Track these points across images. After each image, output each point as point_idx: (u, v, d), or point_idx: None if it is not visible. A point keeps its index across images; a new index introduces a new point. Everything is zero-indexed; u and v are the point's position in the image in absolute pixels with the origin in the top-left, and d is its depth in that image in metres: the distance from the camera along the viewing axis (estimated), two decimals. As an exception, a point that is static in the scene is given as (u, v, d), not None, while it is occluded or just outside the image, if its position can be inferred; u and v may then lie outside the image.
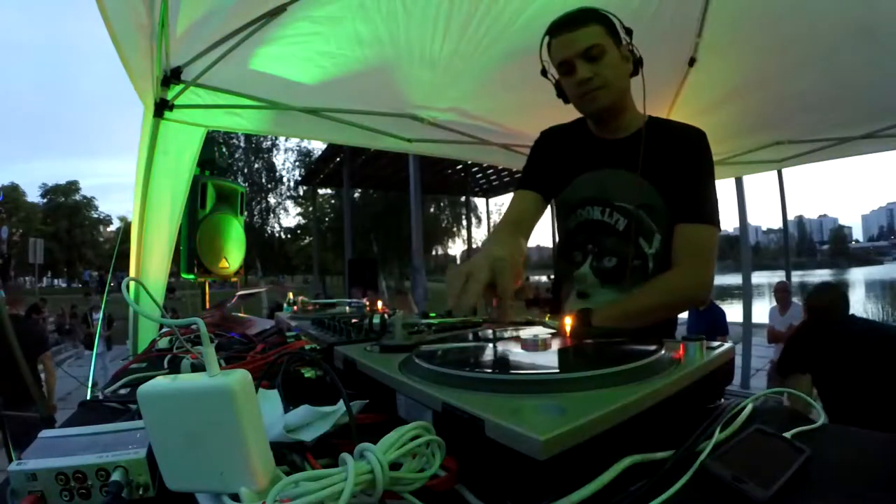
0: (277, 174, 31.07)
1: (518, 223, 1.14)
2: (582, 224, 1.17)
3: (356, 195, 24.13)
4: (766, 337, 4.81)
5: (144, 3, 1.57)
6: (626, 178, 1.10)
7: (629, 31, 1.08)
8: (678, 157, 1.07)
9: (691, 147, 1.08)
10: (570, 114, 1.19)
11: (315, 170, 19.27)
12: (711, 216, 1.06)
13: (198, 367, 0.80)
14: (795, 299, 4.82)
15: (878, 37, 2.08)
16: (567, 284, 1.23)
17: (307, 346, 0.89)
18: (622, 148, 1.12)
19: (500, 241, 1.01)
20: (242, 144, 29.12)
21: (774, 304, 4.69)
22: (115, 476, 0.42)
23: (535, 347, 0.61)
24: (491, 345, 0.67)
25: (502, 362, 0.59)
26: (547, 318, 0.79)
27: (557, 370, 0.54)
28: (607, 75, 1.03)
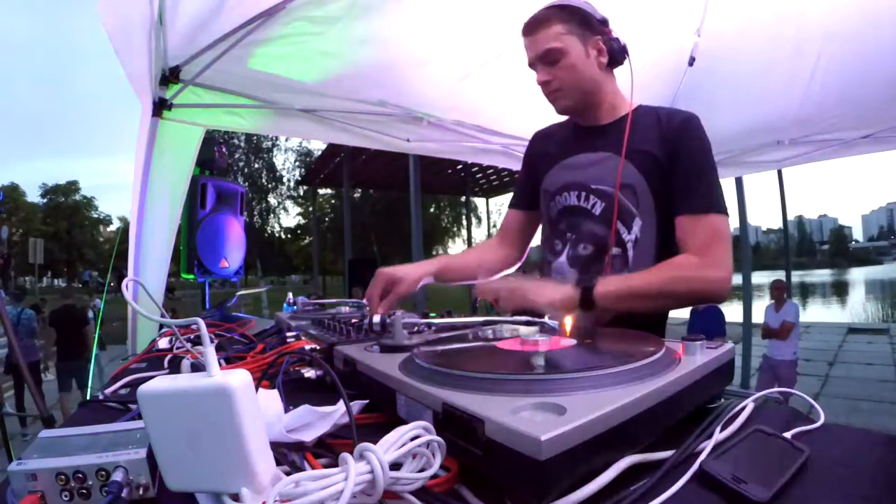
0: (277, 174, 31.12)
1: (502, 239, 1.31)
2: (561, 211, 1.13)
3: (356, 195, 24.13)
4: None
5: (143, 1, 1.57)
6: (604, 160, 1.06)
7: (604, 21, 1.04)
8: (671, 142, 1.01)
9: (683, 131, 1.01)
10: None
11: (315, 170, 19.24)
12: (719, 203, 0.97)
13: (198, 367, 0.80)
14: (792, 298, 4.84)
15: (879, 36, 2.08)
16: (546, 276, 1.18)
17: (307, 346, 0.89)
18: (604, 132, 1.09)
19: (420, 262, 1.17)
20: (242, 144, 29.15)
21: (771, 301, 4.71)
22: (115, 476, 0.42)
23: (535, 347, 0.61)
24: (491, 345, 0.67)
25: (502, 362, 0.59)
26: (547, 318, 0.78)
27: (557, 370, 0.54)
28: (564, 78, 1.03)
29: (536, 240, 1.32)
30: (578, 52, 1.02)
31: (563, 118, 1.21)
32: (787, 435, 0.48)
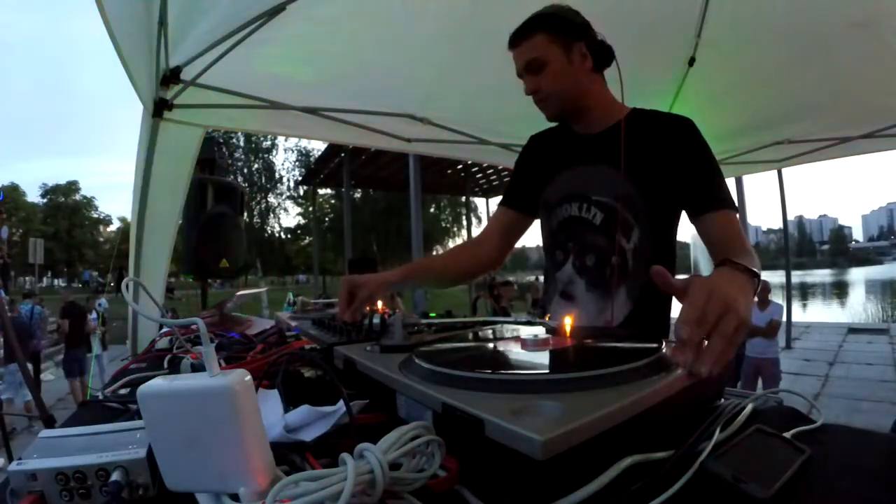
0: (277, 174, 31.12)
1: (483, 240, 1.28)
2: (562, 222, 1.15)
3: (356, 195, 24.13)
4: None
5: (143, 2, 1.57)
6: (603, 172, 1.08)
7: (586, 25, 1.06)
8: (673, 147, 1.03)
9: (686, 135, 1.04)
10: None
11: (315, 170, 19.25)
12: (733, 201, 1.01)
13: (198, 367, 0.80)
14: (778, 298, 4.85)
15: (879, 35, 2.08)
16: (551, 285, 1.20)
17: (307, 347, 0.89)
18: (600, 142, 1.10)
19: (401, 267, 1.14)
20: (242, 144, 29.15)
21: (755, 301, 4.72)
22: (115, 476, 0.42)
23: (535, 347, 0.61)
24: (491, 345, 0.67)
25: (502, 362, 0.59)
26: (547, 318, 0.78)
27: (557, 370, 0.54)
28: (550, 86, 1.05)
29: (536, 241, 1.31)
30: (561, 60, 1.04)
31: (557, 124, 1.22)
32: (787, 435, 0.48)
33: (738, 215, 1.01)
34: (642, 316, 1.06)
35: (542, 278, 1.28)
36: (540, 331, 0.68)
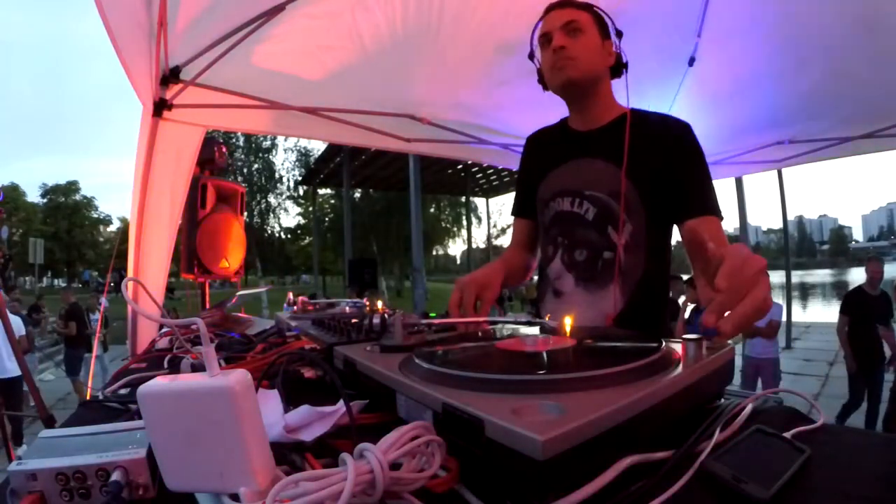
0: (277, 174, 31.13)
1: (517, 246, 1.29)
2: (554, 217, 1.15)
3: (356, 195, 24.13)
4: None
5: (143, 2, 1.57)
6: (597, 167, 1.08)
7: (619, 34, 1.11)
8: (669, 149, 1.04)
9: (682, 139, 1.05)
10: (566, 110, 1.19)
11: (315, 170, 19.27)
12: (720, 208, 1.03)
13: (198, 367, 0.80)
14: (778, 298, 4.85)
15: (880, 36, 2.08)
16: (543, 281, 1.20)
17: (307, 346, 0.89)
18: (597, 137, 1.11)
19: (486, 266, 1.10)
20: (242, 144, 29.16)
21: None
22: (115, 476, 0.42)
23: (535, 347, 0.61)
24: (491, 345, 0.67)
25: (502, 362, 0.59)
26: (547, 318, 0.78)
27: (557, 370, 0.54)
28: (580, 50, 1.05)
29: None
30: (597, 37, 1.08)
31: (556, 122, 1.22)
32: (787, 435, 0.48)
33: (722, 224, 1.03)
34: (635, 313, 1.05)
35: (537, 278, 1.29)
36: (540, 331, 0.68)
